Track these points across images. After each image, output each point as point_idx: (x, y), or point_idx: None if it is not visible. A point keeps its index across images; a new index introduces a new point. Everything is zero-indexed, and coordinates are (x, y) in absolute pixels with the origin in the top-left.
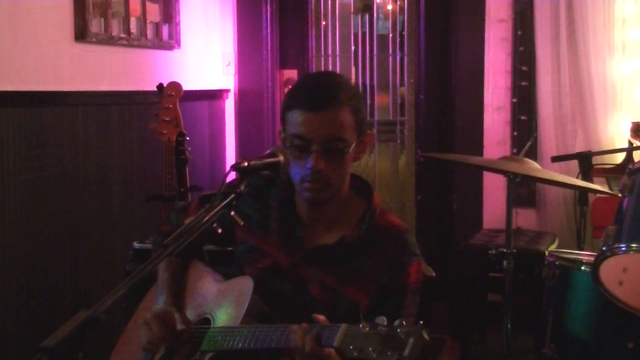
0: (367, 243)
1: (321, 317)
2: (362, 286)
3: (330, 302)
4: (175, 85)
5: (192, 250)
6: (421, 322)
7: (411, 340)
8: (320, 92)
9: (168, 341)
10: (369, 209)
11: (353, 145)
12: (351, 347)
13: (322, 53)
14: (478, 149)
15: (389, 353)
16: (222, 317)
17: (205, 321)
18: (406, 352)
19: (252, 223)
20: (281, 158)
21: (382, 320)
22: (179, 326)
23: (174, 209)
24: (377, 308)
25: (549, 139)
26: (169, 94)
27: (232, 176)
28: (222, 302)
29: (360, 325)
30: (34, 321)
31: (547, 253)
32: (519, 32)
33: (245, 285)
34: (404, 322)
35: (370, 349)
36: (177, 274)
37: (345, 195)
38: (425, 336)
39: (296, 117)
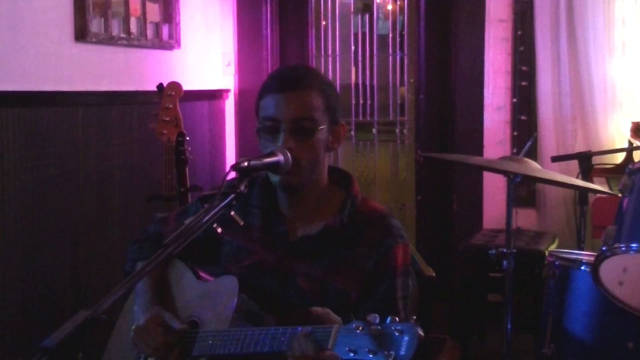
0: (351, 231)
1: (319, 310)
2: (349, 275)
3: (319, 294)
4: (175, 85)
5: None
6: (414, 317)
7: (406, 339)
8: (288, 75)
9: (170, 344)
10: (349, 197)
11: (324, 128)
12: (347, 349)
13: (322, 53)
14: (478, 149)
15: (385, 353)
16: (210, 319)
17: (193, 324)
18: (402, 351)
19: (235, 224)
20: (281, 157)
21: (374, 318)
22: (176, 325)
23: (152, 221)
24: (369, 296)
25: (549, 139)
26: (169, 94)
27: (232, 176)
28: (208, 303)
29: (353, 325)
30: (34, 321)
31: (547, 253)
32: (519, 32)
33: (229, 285)
34: (397, 319)
35: (366, 349)
36: (156, 273)
37: (324, 187)
38: (420, 332)
39: (267, 101)
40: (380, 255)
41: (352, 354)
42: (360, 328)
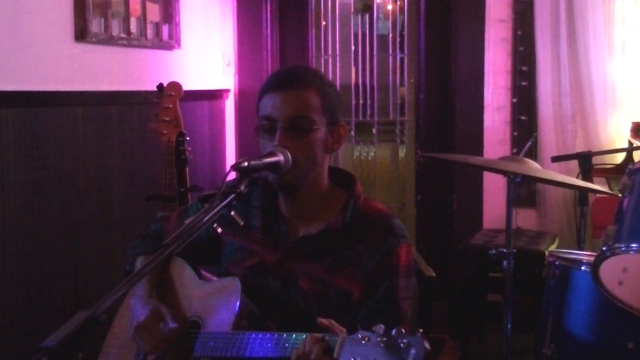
0: (352, 231)
1: (324, 321)
2: (350, 274)
3: (320, 294)
4: (175, 85)
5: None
6: (421, 330)
7: (413, 352)
8: (285, 74)
9: (170, 342)
10: (352, 197)
11: (322, 127)
12: (352, 359)
13: (322, 53)
14: (478, 149)
15: None
16: (212, 320)
17: (194, 324)
18: None
19: (237, 224)
20: (281, 158)
21: (380, 328)
22: (173, 325)
23: (155, 219)
24: (371, 295)
25: (549, 139)
26: (169, 94)
27: (232, 176)
28: (210, 304)
29: (359, 335)
30: (34, 321)
31: (547, 253)
32: (519, 32)
33: (232, 286)
34: (403, 330)
35: None
36: (156, 271)
37: (325, 188)
38: (427, 346)
39: (265, 101)
40: (382, 255)
41: None
42: (367, 339)
